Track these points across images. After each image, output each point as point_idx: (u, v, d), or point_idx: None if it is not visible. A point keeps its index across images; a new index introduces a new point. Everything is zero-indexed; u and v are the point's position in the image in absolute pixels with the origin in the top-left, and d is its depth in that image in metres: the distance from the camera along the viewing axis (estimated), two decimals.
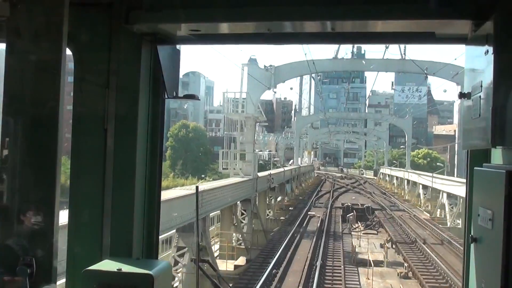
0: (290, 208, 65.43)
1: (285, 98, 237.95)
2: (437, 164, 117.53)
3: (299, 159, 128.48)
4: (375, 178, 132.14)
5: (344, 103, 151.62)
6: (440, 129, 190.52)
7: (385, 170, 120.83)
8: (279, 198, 65.59)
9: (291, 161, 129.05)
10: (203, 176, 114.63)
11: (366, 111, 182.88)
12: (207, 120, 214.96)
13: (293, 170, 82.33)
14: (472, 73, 3.85)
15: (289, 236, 40.73)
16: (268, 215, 56.00)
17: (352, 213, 54.29)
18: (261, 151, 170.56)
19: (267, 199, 56.64)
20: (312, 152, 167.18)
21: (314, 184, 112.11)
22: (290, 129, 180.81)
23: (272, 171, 62.91)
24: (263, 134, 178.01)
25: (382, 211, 62.05)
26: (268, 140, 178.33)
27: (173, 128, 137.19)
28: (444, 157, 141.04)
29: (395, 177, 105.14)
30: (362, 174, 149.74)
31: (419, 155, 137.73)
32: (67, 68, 3.63)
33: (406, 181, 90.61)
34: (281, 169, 72.75)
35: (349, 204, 64.19)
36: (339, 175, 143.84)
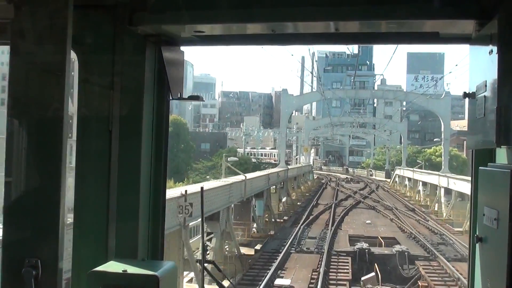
0: (255, 250, 38.11)
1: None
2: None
3: (300, 157, 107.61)
4: (388, 180, 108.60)
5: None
6: (453, 124, 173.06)
7: (403, 171, 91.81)
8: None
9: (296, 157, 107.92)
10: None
11: (375, 101, 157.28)
12: (200, 115, 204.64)
13: (271, 176, 52.91)
14: (476, 72, 3.86)
15: None
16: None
17: (373, 274, 28.33)
18: (254, 148, 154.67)
19: (183, 249, 26.66)
20: (312, 150, 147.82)
21: (310, 191, 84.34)
22: (289, 124, 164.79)
23: (192, 187, 31.62)
24: (258, 129, 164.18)
25: (430, 261, 33.68)
26: (265, 136, 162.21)
27: None
28: (463, 155, 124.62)
29: (420, 183, 75.11)
30: (371, 175, 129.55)
31: (437, 153, 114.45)
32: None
33: (443, 190, 60.68)
34: (240, 178, 40.21)
35: (364, 245, 36.55)
36: (344, 176, 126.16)
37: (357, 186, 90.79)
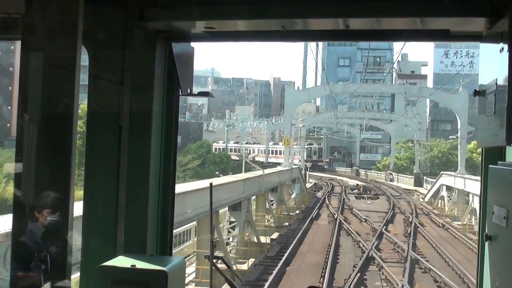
0: None
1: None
2: None
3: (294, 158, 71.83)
4: (420, 190, 73.69)
5: (362, 72, 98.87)
6: None
7: (465, 183, 48.94)
8: None
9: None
10: None
11: (393, 78, 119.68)
12: (186, 105, 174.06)
13: None
14: (487, 70, 3.84)
15: None
16: None
17: None
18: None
19: None
20: (314, 144, 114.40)
21: (279, 231, 41.95)
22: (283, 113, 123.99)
23: None
24: (252, 119, 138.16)
25: None
26: (254, 127, 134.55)
27: None
28: None
29: None
30: (391, 179, 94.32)
31: (478, 149, 68.36)
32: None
33: None
34: None
35: None
36: (354, 182, 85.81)
37: (377, 209, 53.29)
